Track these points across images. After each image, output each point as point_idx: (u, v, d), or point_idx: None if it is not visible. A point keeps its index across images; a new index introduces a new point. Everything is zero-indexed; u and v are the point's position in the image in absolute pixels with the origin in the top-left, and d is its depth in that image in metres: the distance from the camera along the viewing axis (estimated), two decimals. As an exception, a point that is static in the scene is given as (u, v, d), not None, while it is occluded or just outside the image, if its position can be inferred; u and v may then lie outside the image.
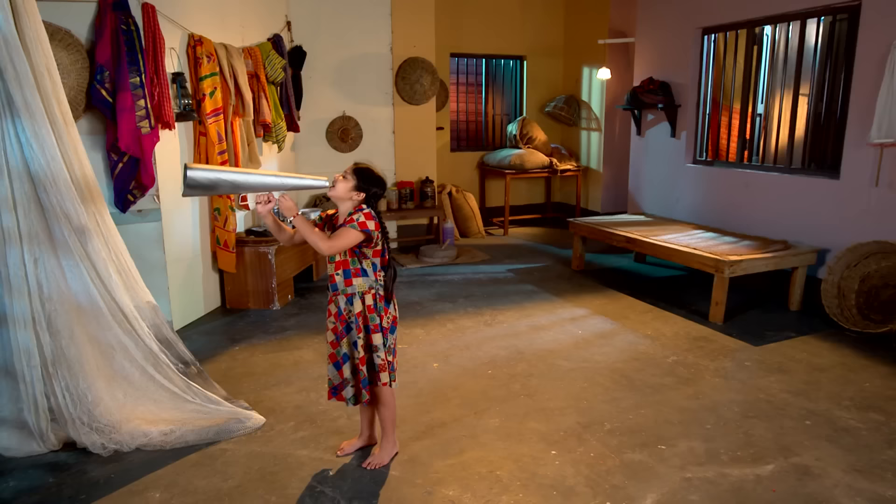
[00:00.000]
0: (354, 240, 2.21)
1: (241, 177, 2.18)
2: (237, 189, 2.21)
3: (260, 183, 2.19)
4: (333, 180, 2.29)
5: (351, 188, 2.27)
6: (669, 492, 2.33)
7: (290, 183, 2.22)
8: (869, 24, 4.15)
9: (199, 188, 2.10)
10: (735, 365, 3.50)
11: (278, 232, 2.30)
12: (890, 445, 2.65)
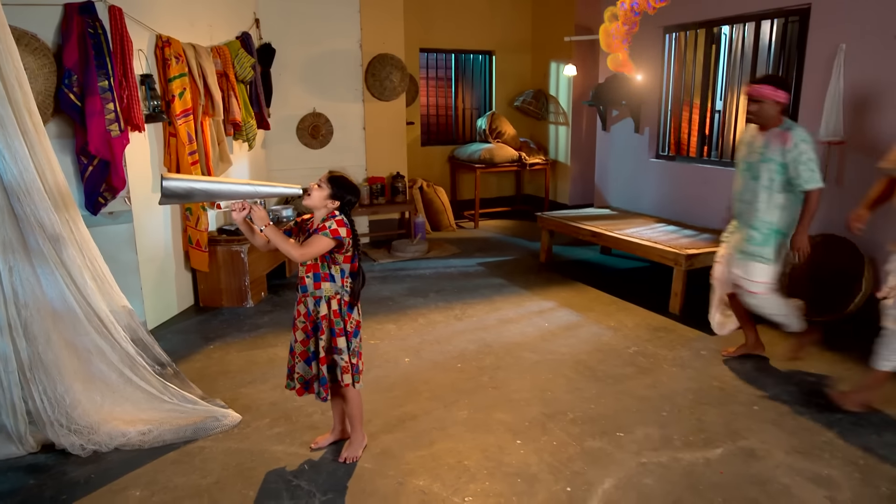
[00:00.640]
0: (326, 247, 2.30)
1: (216, 186, 2.25)
2: (211, 197, 2.29)
3: (234, 191, 2.27)
4: (309, 188, 2.37)
5: (326, 196, 2.35)
6: (626, 476, 2.49)
7: (263, 191, 2.30)
8: (817, 27, 4.36)
9: (175, 197, 2.17)
10: (692, 354, 3.69)
11: (253, 237, 2.38)
12: (829, 428, 2.85)
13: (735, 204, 3.35)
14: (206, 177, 2.40)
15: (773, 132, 3.13)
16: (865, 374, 3.08)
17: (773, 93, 3.06)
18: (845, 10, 4.17)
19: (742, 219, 3.29)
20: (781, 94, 3.08)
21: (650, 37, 5.75)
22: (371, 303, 4.59)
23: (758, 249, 3.21)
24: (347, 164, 6.41)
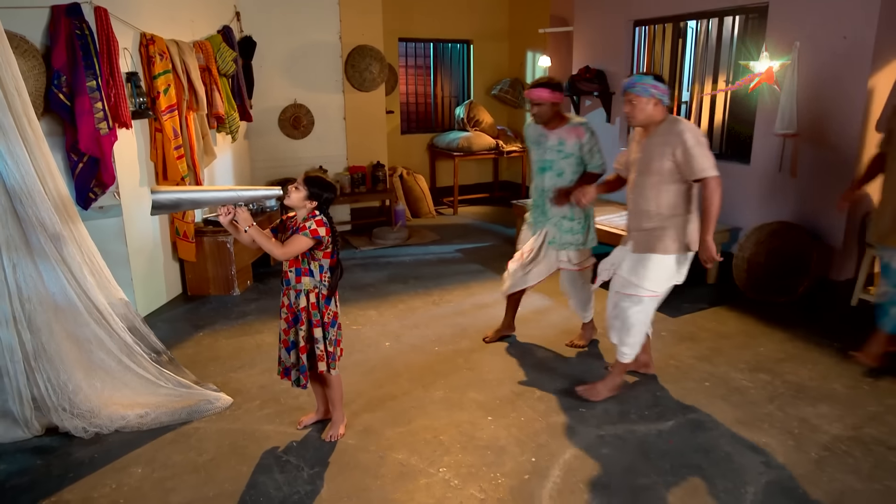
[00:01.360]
0: (305, 246, 2.50)
1: (201, 195, 2.44)
2: (198, 205, 2.48)
3: (218, 198, 2.46)
4: (288, 190, 2.56)
5: (304, 197, 2.54)
6: (585, 447, 2.76)
7: (245, 195, 2.49)
8: (775, 24, 4.60)
9: (164, 208, 2.36)
10: (653, 335, 3.95)
11: (239, 236, 2.56)
12: (771, 401, 3.15)
13: (546, 201, 3.49)
14: (191, 187, 2.57)
15: (564, 129, 3.34)
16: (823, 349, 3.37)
17: (551, 95, 3.28)
18: (800, 10, 4.41)
19: (552, 212, 3.47)
20: (558, 95, 3.30)
21: (621, 29, 5.96)
22: (353, 289, 4.80)
23: (577, 238, 3.47)
24: (329, 154, 6.58)
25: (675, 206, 2.91)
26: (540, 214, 3.56)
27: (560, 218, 3.46)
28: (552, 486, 2.49)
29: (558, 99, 3.32)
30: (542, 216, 3.54)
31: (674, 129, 2.82)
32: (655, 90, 2.83)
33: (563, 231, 3.47)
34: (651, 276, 2.95)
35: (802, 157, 4.54)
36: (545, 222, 3.53)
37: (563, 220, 3.46)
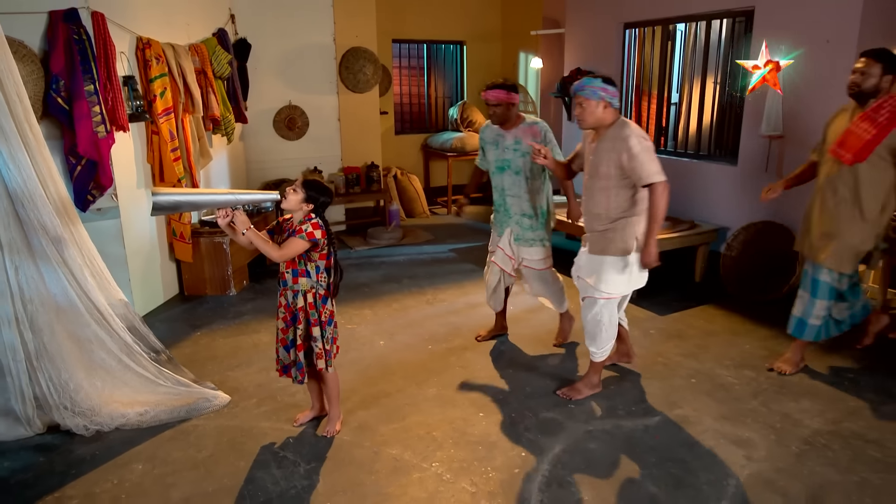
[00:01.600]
0: (301, 248, 2.57)
1: (200, 197, 2.51)
2: (197, 207, 2.54)
3: (217, 201, 2.53)
4: (286, 192, 2.63)
5: (301, 200, 2.61)
6: (573, 442, 2.84)
7: (243, 199, 2.56)
8: (760, 28, 4.69)
9: (164, 209, 2.43)
10: (641, 333, 4.06)
11: (237, 238, 2.63)
12: (755, 397, 3.24)
13: (507, 200, 3.57)
14: (191, 189, 2.63)
15: (521, 128, 3.42)
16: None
17: (507, 96, 3.35)
18: (785, 14, 4.50)
19: (513, 210, 3.55)
20: (514, 96, 3.37)
21: (611, 32, 6.04)
22: (348, 289, 4.87)
23: (537, 234, 3.54)
24: (323, 155, 6.64)
25: (625, 209, 2.97)
26: (503, 214, 3.63)
27: (521, 216, 3.53)
28: (541, 480, 2.57)
29: (514, 100, 3.39)
30: (504, 215, 3.61)
31: (621, 134, 2.87)
32: (604, 93, 2.87)
33: (524, 228, 3.54)
34: (605, 278, 3.02)
35: (788, 159, 4.63)
36: (508, 221, 3.60)
37: (523, 217, 3.53)
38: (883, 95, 3.04)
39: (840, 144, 3.11)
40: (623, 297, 3.21)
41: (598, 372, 3.27)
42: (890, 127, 2.97)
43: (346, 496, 2.48)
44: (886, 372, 3.48)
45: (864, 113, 3.06)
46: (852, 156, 3.05)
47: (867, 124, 3.02)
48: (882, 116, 2.98)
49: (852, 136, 3.06)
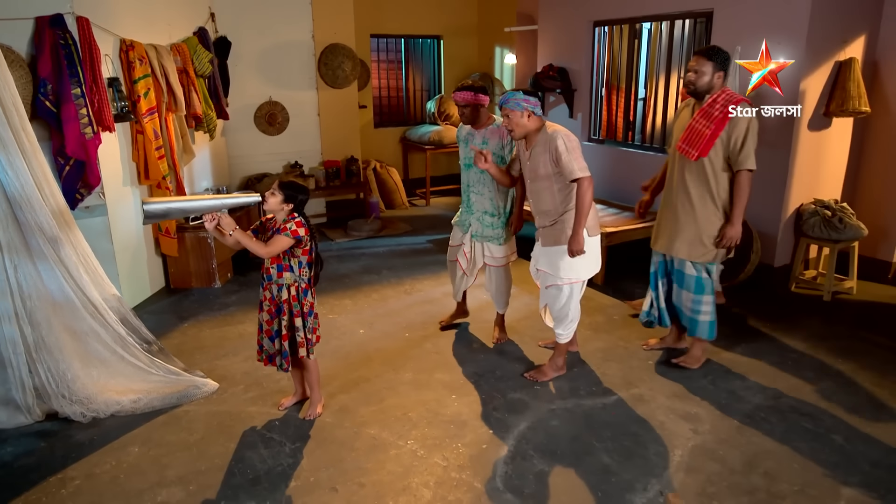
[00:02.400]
0: (286, 245, 2.78)
1: (188, 203, 2.72)
2: (186, 213, 2.75)
3: (204, 206, 2.73)
4: (265, 196, 2.83)
5: (280, 201, 2.82)
6: (537, 420, 3.10)
7: (228, 203, 2.76)
8: (719, 29, 4.95)
9: (155, 217, 2.64)
10: (605, 319, 4.33)
11: (224, 239, 2.82)
12: (705, 376, 3.52)
13: (471, 196, 3.74)
14: (178, 197, 2.82)
15: (490, 129, 3.63)
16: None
17: (474, 97, 3.55)
18: (740, 17, 4.76)
19: (476, 206, 3.75)
20: (482, 97, 3.58)
21: (582, 29, 6.27)
22: (329, 280, 5.08)
23: (497, 232, 3.75)
24: (303, 149, 6.81)
25: (568, 202, 3.22)
26: (465, 209, 3.82)
27: (482, 213, 3.73)
28: (506, 454, 2.83)
29: (482, 101, 3.58)
30: (467, 210, 3.81)
31: (549, 138, 3.14)
32: (526, 103, 3.14)
33: (484, 225, 3.74)
34: (563, 265, 3.28)
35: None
36: (470, 216, 3.79)
37: (484, 214, 3.72)
38: (716, 92, 3.19)
39: (684, 140, 3.28)
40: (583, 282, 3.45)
41: (562, 354, 3.53)
42: (724, 121, 3.12)
43: (328, 472, 2.72)
44: (826, 352, 3.78)
45: (702, 109, 3.21)
46: (697, 151, 3.21)
47: (705, 120, 3.18)
48: (716, 111, 3.15)
49: (694, 132, 3.22)
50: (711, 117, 3.16)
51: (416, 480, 2.66)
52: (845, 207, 4.64)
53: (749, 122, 3.12)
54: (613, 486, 2.61)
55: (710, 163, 3.22)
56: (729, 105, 3.13)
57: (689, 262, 3.43)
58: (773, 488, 2.59)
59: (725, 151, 3.19)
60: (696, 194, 3.32)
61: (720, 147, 3.18)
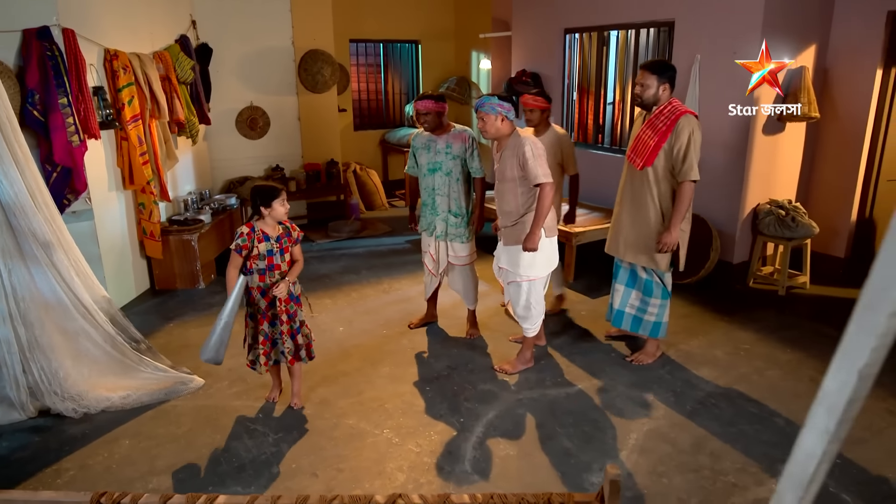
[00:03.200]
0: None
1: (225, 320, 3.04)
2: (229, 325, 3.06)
3: (231, 309, 3.02)
4: (273, 207, 3.02)
5: (268, 215, 3.02)
6: (504, 409, 3.33)
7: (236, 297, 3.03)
8: (680, 39, 5.21)
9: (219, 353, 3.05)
10: (573, 313, 4.57)
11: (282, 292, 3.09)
12: (663, 367, 3.78)
13: (436, 199, 3.91)
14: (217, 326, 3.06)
15: (452, 134, 3.84)
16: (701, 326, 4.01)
17: (435, 105, 3.76)
18: (699, 27, 5.03)
19: (440, 208, 3.92)
20: (441, 105, 3.79)
21: (553, 36, 6.51)
22: (310, 280, 5.27)
23: (461, 231, 3.96)
24: (284, 153, 6.97)
25: (531, 205, 3.45)
26: (430, 212, 3.99)
27: (447, 213, 3.92)
28: (475, 440, 3.05)
29: (442, 108, 3.80)
30: (432, 212, 3.98)
31: (517, 143, 3.38)
32: (500, 108, 3.37)
33: (449, 225, 3.94)
34: (523, 263, 3.50)
35: (705, 157, 5.18)
36: (435, 219, 3.97)
37: (449, 214, 3.92)
38: (663, 104, 3.40)
39: (632, 150, 3.51)
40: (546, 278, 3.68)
41: (530, 348, 3.76)
42: (668, 132, 3.33)
43: (308, 459, 2.92)
44: (777, 343, 4.06)
45: (649, 120, 3.42)
46: (642, 160, 3.44)
47: (651, 131, 3.40)
48: (661, 123, 3.37)
49: (640, 142, 3.44)
50: (656, 128, 3.38)
51: (391, 465, 2.87)
52: (798, 207, 4.94)
53: (691, 133, 3.33)
54: (572, 467, 2.84)
55: (654, 172, 3.43)
56: (673, 117, 3.35)
57: (639, 265, 3.66)
58: (717, 466, 2.84)
59: (669, 162, 3.39)
60: (640, 202, 3.53)
61: (663, 157, 3.39)
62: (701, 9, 5.00)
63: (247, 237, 3.00)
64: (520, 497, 1.86)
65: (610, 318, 3.94)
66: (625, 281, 3.76)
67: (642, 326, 3.74)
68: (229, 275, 3.04)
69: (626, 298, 3.76)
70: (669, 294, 3.68)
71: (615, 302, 3.85)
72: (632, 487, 2.71)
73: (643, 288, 3.69)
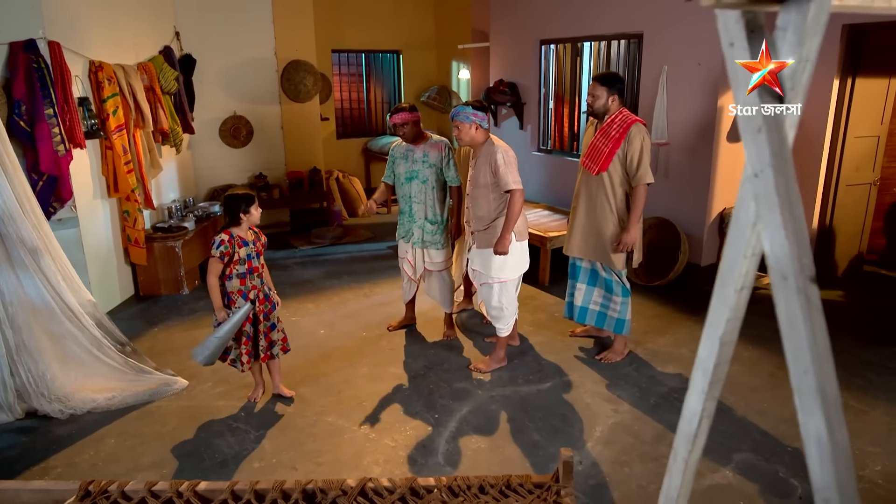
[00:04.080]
0: None
1: (225, 327, 3.18)
2: (231, 332, 3.21)
3: (235, 323, 3.19)
4: (251, 212, 3.19)
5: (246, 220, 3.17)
6: (478, 405, 3.48)
7: (242, 315, 3.21)
8: (648, 50, 5.43)
9: (212, 358, 3.22)
10: (548, 316, 4.74)
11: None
12: (630, 364, 3.95)
13: (413, 207, 4.05)
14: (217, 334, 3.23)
15: (428, 144, 4.01)
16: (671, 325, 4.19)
17: (410, 115, 3.91)
18: (666, 40, 5.25)
19: (417, 215, 4.06)
20: (416, 115, 3.97)
21: (529, 47, 6.71)
22: (293, 285, 5.39)
23: (437, 238, 4.11)
24: (268, 161, 7.10)
25: (502, 210, 3.62)
26: (407, 219, 4.13)
27: (424, 220, 4.07)
28: (448, 434, 3.20)
29: (417, 117, 3.97)
30: (409, 220, 4.13)
31: (490, 150, 3.57)
32: (475, 117, 3.56)
33: (426, 232, 4.09)
34: (494, 265, 3.67)
35: (673, 162, 5.40)
36: (412, 226, 4.12)
37: (425, 222, 4.07)
38: (613, 113, 3.61)
39: (587, 156, 3.71)
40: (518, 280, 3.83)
41: (503, 347, 3.92)
42: (620, 140, 3.54)
43: (288, 454, 3.05)
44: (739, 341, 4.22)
45: (602, 128, 3.62)
46: (597, 166, 3.63)
47: (604, 138, 3.60)
48: (614, 131, 3.57)
49: (595, 149, 3.64)
50: (609, 136, 3.58)
51: (368, 459, 3.01)
52: (762, 211, 5.14)
53: (642, 140, 3.53)
54: (540, 458, 3.00)
55: (609, 176, 3.62)
56: (625, 125, 3.55)
57: (598, 263, 3.84)
58: (676, 455, 3.01)
59: (623, 167, 3.59)
60: (596, 204, 3.71)
61: (617, 163, 3.59)
62: (667, 22, 5.21)
63: (228, 244, 3.14)
64: (481, 479, 2.02)
65: (570, 316, 4.10)
66: (586, 279, 3.94)
67: (607, 322, 3.91)
68: (211, 282, 3.17)
69: (590, 296, 3.94)
70: (629, 292, 3.85)
71: (577, 300, 4.01)
72: (595, 475, 2.87)
73: (604, 286, 3.87)
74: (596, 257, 3.80)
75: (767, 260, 0.89)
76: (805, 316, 0.75)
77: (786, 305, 0.79)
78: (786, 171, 0.76)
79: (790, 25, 0.78)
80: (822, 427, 0.73)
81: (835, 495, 0.72)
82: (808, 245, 0.84)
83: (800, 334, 0.75)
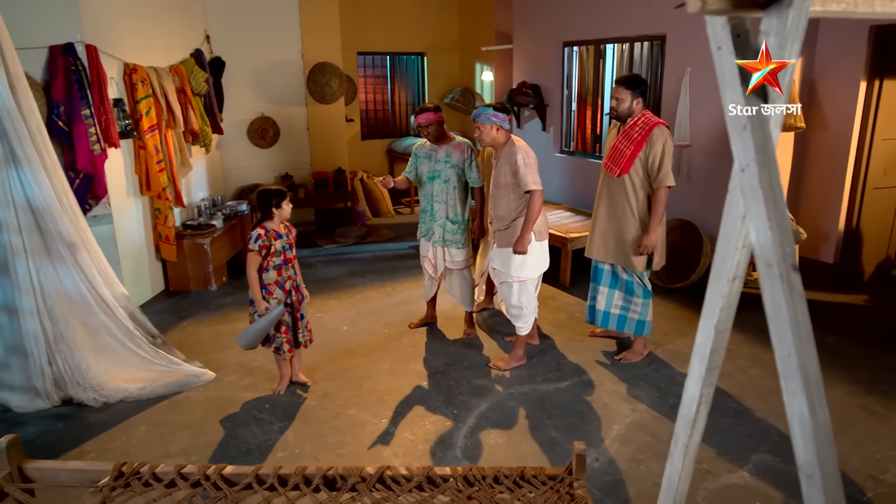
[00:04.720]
0: None
1: (265, 320, 3.34)
2: (270, 324, 3.37)
3: (271, 321, 3.35)
4: (283, 207, 3.32)
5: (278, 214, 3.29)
6: (496, 402, 3.53)
7: (277, 314, 3.36)
8: (671, 52, 5.43)
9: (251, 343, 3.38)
10: (567, 316, 4.77)
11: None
12: (650, 364, 3.96)
13: (434, 206, 4.11)
14: (256, 322, 3.36)
15: (451, 145, 4.07)
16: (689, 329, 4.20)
17: (435, 116, 3.98)
18: (688, 41, 5.24)
19: (439, 214, 4.11)
20: (440, 115, 4.01)
21: (552, 49, 6.74)
22: (317, 283, 5.50)
23: (458, 237, 4.15)
24: (294, 162, 7.24)
25: (522, 209, 3.66)
26: (429, 218, 4.19)
27: (445, 219, 4.13)
28: (467, 429, 3.26)
29: (441, 118, 4.04)
30: (431, 218, 4.18)
31: (511, 151, 3.61)
32: (496, 118, 3.60)
33: (447, 231, 4.14)
34: (514, 265, 3.71)
35: (696, 165, 5.39)
36: (433, 225, 4.17)
37: (447, 221, 4.13)
38: (636, 115, 3.61)
39: (609, 158, 3.72)
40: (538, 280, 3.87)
41: (523, 346, 3.96)
42: (643, 143, 3.54)
43: (311, 444, 3.13)
44: (760, 343, 4.23)
45: (624, 131, 3.63)
46: (619, 168, 3.64)
47: (626, 141, 3.61)
48: (636, 133, 3.57)
49: (617, 151, 3.65)
50: (631, 139, 3.59)
51: (388, 451, 3.08)
52: (786, 214, 5.11)
53: (664, 143, 3.54)
54: (557, 455, 3.04)
55: (631, 179, 3.63)
56: (647, 128, 3.56)
57: (619, 266, 3.86)
58: (693, 455, 3.02)
59: (644, 169, 3.60)
60: (618, 206, 3.72)
61: (639, 165, 3.59)
62: (690, 24, 5.20)
63: (265, 237, 3.26)
64: (496, 470, 2.07)
65: (591, 320, 4.12)
66: (608, 283, 3.96)
67: (627, 325, 3.93)
68: (251, 276, 3.30)
69: (611, 299, 3.96)
70: (651, 293, 3.87)
71: (599, 304, 4.03)
72: (612, 472, 2.90)
73: (625, 288, 3.88)
74: (616, 260, 3.81)
75: (754, 249, 0.94)
76: (788, 302, 0.80)
77: (770, 292, 0.84)
78: (769, 166, 0.81)
79: (772, 30, 0.83)
80: (804, 406, 0.77)
81: (816, 471, 0.77)
82: (791, 235, 0.89)
83: (783, 319, 0.79)
